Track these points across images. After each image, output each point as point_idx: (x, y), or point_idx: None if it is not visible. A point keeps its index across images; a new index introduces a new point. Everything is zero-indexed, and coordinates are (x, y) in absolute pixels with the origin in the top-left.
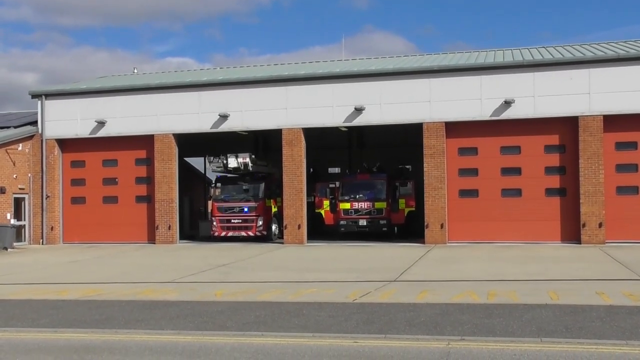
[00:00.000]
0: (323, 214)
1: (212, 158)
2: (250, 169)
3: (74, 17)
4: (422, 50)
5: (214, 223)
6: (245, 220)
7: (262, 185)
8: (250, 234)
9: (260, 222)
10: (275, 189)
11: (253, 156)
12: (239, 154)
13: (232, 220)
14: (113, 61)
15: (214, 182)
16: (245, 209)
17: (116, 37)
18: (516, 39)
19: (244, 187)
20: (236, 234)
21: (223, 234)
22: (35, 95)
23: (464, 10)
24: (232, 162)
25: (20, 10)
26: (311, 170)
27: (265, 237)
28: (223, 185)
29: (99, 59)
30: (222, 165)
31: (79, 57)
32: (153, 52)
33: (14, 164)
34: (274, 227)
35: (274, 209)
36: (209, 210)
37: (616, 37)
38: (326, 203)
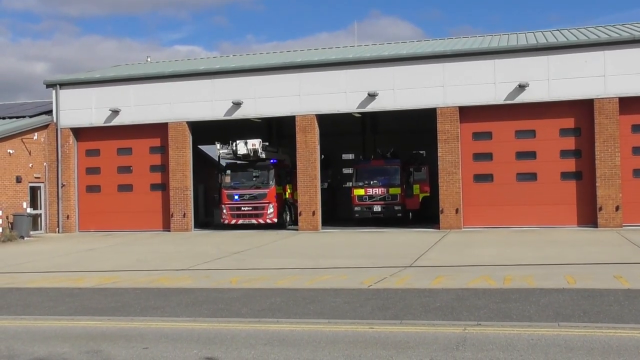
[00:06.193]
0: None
1: (221, 145)
2: (260, 156)
3: (79, 7)
4: (429, 35)
5: (224, 211)
6: (255, 208)
7: (273, 172)
8: (261, 221)
9: (271, 210)
10: (286, 176)
11: (263, 142)
12: (248, 140)
13: (242, 208)
14: (122, 50)
15: (224, 169)
16: (256, 196)
17: (123, 26)
18: (523, 22)
19: (254, 174)
20: (246, 221)
21: (233, 221)
22: (50, 85)
23: None
24: (242, 149)
25: (26, 0)
26: (322, 156)
27: (278, 224)
28: (233, 172)
29: (108, 48)
30: (231, 152)
31: (87, 46)
32: (161, 41)
33: (30, 153)
34: (286, 214)
35: (285, 196)
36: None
37: (625, 19)
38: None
